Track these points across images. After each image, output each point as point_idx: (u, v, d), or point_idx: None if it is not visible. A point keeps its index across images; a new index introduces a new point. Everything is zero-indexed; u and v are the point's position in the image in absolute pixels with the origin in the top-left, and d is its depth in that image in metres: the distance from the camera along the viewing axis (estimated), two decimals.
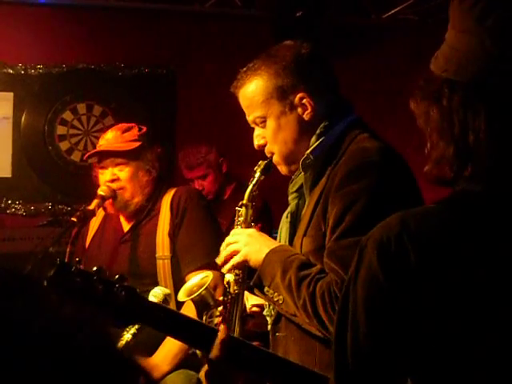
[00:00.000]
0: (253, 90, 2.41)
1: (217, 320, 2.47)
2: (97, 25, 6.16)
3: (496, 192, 1.29)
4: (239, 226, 2.50)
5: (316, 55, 2.42)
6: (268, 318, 2.49)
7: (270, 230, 4.82)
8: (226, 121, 6.19)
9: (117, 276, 1.87)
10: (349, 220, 2.18)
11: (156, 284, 3.42)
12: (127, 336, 2.67)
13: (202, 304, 2.51)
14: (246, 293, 2.48)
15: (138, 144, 3.59)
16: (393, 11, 6.44)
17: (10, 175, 6.02)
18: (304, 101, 2.36)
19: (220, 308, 2.46)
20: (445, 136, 1.31)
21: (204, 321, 2.48)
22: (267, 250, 2.34)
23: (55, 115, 6.14)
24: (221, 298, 2.48)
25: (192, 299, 2.52)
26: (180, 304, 3.32)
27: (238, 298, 2.46)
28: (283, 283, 2.26)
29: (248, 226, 2.49)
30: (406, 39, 6.55)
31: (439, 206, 1.33)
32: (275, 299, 2.30)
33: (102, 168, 3.62)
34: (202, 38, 6.30)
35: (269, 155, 2.45)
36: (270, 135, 2.41)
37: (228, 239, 2.45)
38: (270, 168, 2.46)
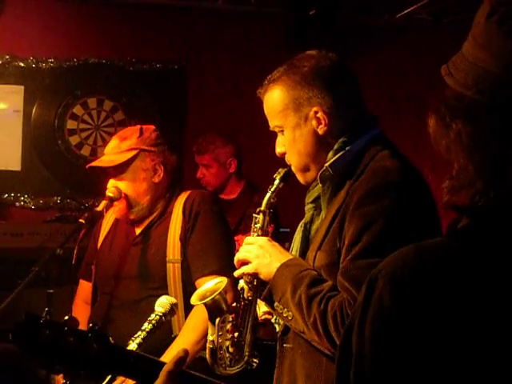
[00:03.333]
0: (272, 99, 2.40)
1: (229, 326, 2.45)
2: (109, 19, 6.15)
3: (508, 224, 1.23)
4: (255, 233, 2.47)
5: (338, 67, 2.38)
6: (276, 326, 2.46)
7: (277, 229, 4.81)
8: (236, 118, 6.19)
9: (91, 324, 1.84)
10: (365, 240, 2.15)
11: (165, 288, 3.42)
12: (133, 345, 2.63)
13: (214, 309, 2.48)
14: (258, 300, 2.46)
15: (131, 154, 3.57)
16: (406, 11, 6.40)
17: (19, 168, 6.04)
18: (318, 115, 2.33)
19: (232, 314, 2.44)
20: (475, 161, 1.25)
21: (216, 326, 2.46)
22: (278, 264, 2.31)
23: (66, 109, 6.14)
24: (234, 304, 2.46)
25: (205, 303, 2.49)
26: (189, 310, 3.32)
27: (251, 305, 2.44)
28: (293, 300, 2.24)
29: (264, 234, 2.47)
30: (420, 39, 6.51)
31: (454, 242, 1.27)
32: (284, 315, 2.28)
33: (108, 178, 3.63)
34: (214, 35, 6.29)
35: (288, 163, 2.43)
36: (287, 145, 2.40)
37: (241, 249, 2.43)
38: (289, 176, 2.44)
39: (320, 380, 2.23)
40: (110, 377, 2.34)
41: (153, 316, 2.61)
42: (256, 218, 2.48)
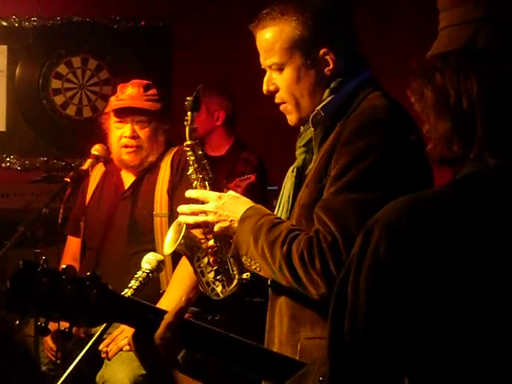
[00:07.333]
0: (276, 35, 2.29)
1: (206, 261, 2.45)
2: None
3: (507, 172, 1.24)
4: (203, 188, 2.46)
5: (341, 5, 2.35)
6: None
7: (264, 185, 4.82)
8: (221, 75, 6.13)
9: (88, 273, 1.84)
10: (352, 175, 2.13)
11: (153, 242, 3.42)
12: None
13: (188, 250, 2.49)
14: None
15: (161, 104, 3.58)
16: None
17: (4, 129, 5.99)
18: (327, 56, 2.29)
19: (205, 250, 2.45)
20: (442, 111, 1.27)
21: (195, 265, 2.46)
22: (237, 223, 2.28)
23: (50, 69, 6.08)
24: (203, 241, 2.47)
25: (176, 250, 2.49)
26: (176, 264, 3.33)
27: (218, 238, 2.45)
28: (257, 251, 2.21)
29: (212, 182, 2.48)
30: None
31: (451, 191, 1.27)
32: (253, 267, 2.25)
33: (121, 122, 3.58)
34: None
35: (278, 101, 2.35)
36: (285, 84, 2.31)
37: (199, 213, 2.38)
38: (197, 103, 2.48)
39: (306, 321, 2.20)
40: (104, 326, 2.35)
41: (139, 273, 2.60)
42: (197, 171, 2.49)
